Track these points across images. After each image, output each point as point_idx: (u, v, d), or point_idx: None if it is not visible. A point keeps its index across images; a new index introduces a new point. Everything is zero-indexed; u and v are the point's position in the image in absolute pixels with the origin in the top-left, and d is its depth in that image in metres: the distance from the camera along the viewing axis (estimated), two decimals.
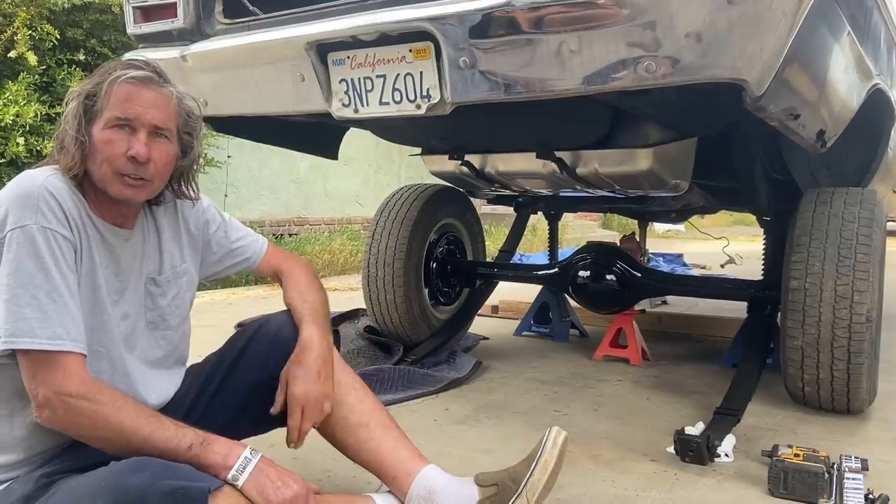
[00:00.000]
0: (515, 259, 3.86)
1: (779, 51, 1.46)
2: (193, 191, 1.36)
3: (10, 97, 3.64)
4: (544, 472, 1.25)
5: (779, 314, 2.30)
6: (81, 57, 4.13)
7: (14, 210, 1.11)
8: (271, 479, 1.12)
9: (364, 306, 3.12)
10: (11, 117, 3.61)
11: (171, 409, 1.35)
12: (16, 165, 3.73)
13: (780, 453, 1.67)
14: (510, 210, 3.66)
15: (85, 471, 1.09)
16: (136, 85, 1.19)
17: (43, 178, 1.15)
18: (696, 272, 5.51)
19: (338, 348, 1.49)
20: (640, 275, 2.84)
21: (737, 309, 3.21)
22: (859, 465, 1.67)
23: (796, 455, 1.66)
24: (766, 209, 2.77)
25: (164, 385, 1.35)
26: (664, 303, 4.29)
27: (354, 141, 3.16)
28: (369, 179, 7.97)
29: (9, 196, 1.13)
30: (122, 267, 1.26)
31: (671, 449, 1.88)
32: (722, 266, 4.45)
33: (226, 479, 1.09)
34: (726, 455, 1.85)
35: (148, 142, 1.19)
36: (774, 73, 1.47)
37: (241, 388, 1.39)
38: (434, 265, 3.07)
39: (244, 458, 1.12)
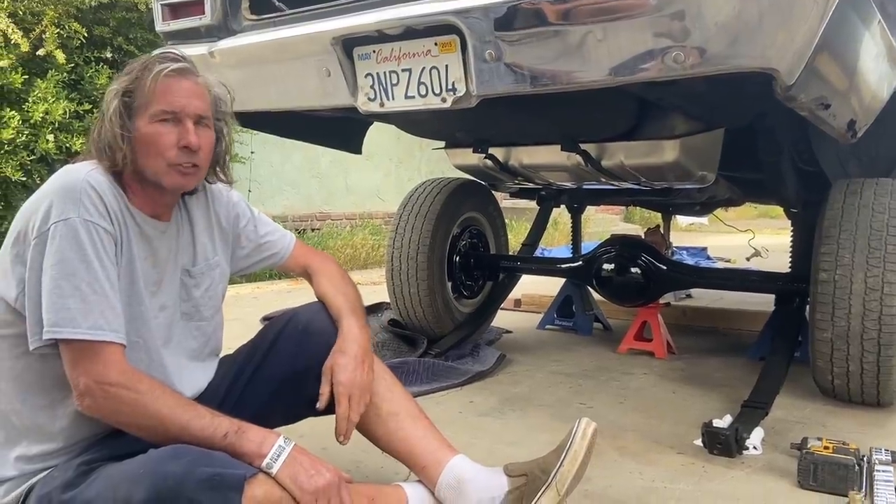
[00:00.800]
0: (537, 253, 3.85)
1: (810, 39, 1.45)
2: (228, 175, 1.39)
3: (40, 95, 3.70)
4: (574, 462, 1.25)
5: (807, 307, 2.28)
6: (108, 54, 4.17)
7: (58, 203, 1.13)
8: (305, 467, 1.13)
9: (387, 300, 3.13)
10: (41, 114, 3.67)
11: (205, 399, 1.37)
12: (46, 162, 3.79)
13: (809, 446, 1.66)
14: (531, 204, 3.65)
15: (123, 458, 1.11)
16: (176, 77, 1.22)
17: (85, 173, 1.18)
18: (720, 265, 5.47)
19: None
20: (665, 268, 2.82)
21: (762, 302, 3.18)
22: (889, 458, 1.66)
23: (826, 447, 1.65)
24: (793, 201, 2.74)
25: (198, 376, 1.38)
26: (689, 296, 4.26)
27: (375, 136, 3.17)
28: (390, 174, 7.99)
29: (52, 189, 1.15)
30: (158, 258, 1.28)
31: (698, 441, 1.87)
32: (748, 259, 4.40)
33: (260, 466, 1.11)
34: (755, 448, 1.84)
35: (195, 130, 1.23)
36: (805, 62, 1.45)
37: (272, 380, 1.42)
38: (457, 259, 3.08)
39: (278, 447, 1.13)
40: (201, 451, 1.08)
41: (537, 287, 4.03)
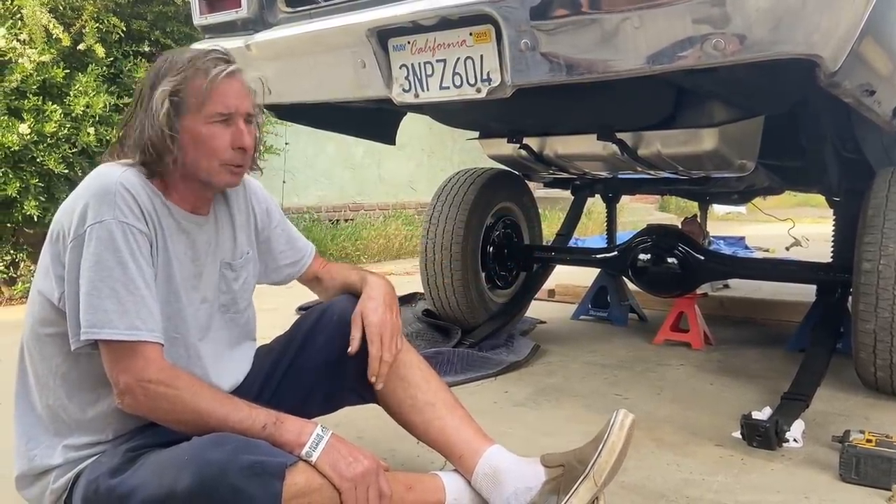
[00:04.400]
0: (571, 243, 3.82)
1: (854, 24, 1.41)
2: (258, 163, 1.41)
3: (81, 88, 3.77)
4: (612, 454, 1.24)
5: (850, 297, 2.23)
6: (146, 48, 4.23)
7: (93, 205, 1.16)
8: (343, 454, 1.15)
9: (421, 290, 3.14)
10: (82, 108, 3.74)
11: (242, 391, 1.39)
12: (87, 154, 3.87)
13: (851, 439, 1.63)
14: (564, 194, 3.63)
15: (168, 446, 1.14)
16: (228, 79, 1.25)
17: (119, 174, 1.20)
18: (759, 255, 5.37)
19: None
20: (702, 258, 2.79)
21: (801, 293, 3.12)
22: None
23: (868, 440, 1.62)
24: (835, 189, 2.68)
25: (236, 365, 1.41)
26: (726, 286, 4.20)
27: (407, 126, 3.17)
28: (422, 164, 8.00)
29: (87, 192, 1.18)
30: (198, 252, 1.31)
31: (737, 434, 1.85)
32: (787, 249, 4.31)
33: (300, 455, 1.13)
34: (795, 440, 1.81)
35: (247, 130, 1.26)
36: (850, 47, 1.42)
37: (309, 370, 1.44)
38: (491, 249, 3.07)
39: (316, 436, 1.15)
40: (243, 440, 1.10)
41: (571, 277, 4.01)
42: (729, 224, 8.81)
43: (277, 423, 1.15)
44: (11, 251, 4.01)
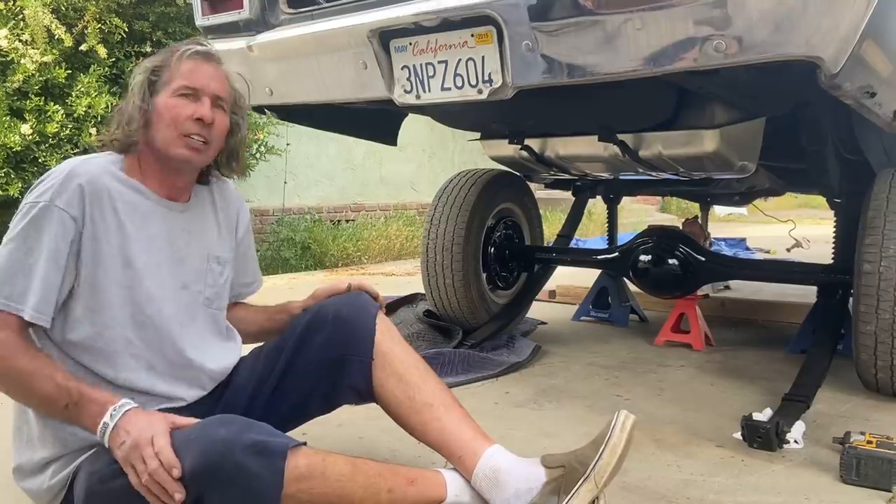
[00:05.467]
0: (572, 244, 3.83)
1: (855, 26, 1.41)
2: (242, 169, 1.46)
3: (83, 89, 3.79)
4: (613, 455, 1.24)
5: (850, 299, 2.23)
6: (148, 49, 4.25)
7: (37, 187, 1.23)
8: (120, 434, 1.12)
9: (422, 291, 3.15)
10: (84, 108, 3.76)
11: (236, 393, 1.41)
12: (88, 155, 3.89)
13: (852, 440, 1.63)
14: (565, 195, 3.63)
15: None
16: (200, 59, 1.32)
17: (80, 160, 1.27)
18: (760, 256, 5.37)
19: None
20: (703, 259, 2.79)
21: (803, 294, 3.12)
22: None
23: (869, 442, 1.62)
24: (836, 190, 2.68)
25: (223, 355, 1.42)
26: (727, 287, 4.20)
27: (409, 127, 3.18)
28: (423, 165, 8.01)
29: (50, 172, 1.25)
30: (174, 237, 1.34)
31: (738, 435, 1.85)
32: (788, 250, 4.32)
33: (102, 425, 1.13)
34: (796, 441, 1.81)
35: (211, 108, 1.31)
36: (851, 49, 1.42)
37: (306, 371, 1.43)
38: (492, 250, 3.07)
39: (103, 424, 1.13)
40: (247, 421, 1.12)
41: (572, 278, 4.01)
42: (730, 225, 8.81)
43: (80, 401, 1.15)
44: None
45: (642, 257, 2.85)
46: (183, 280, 1.34)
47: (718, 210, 8.56)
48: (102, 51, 3.86)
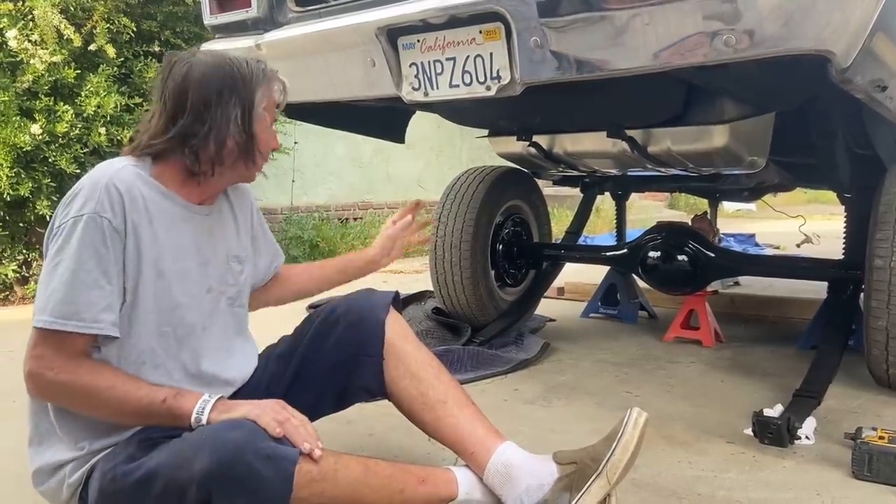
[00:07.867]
0: (580, 241, 3.82)
1: (866, 20, 1.40)
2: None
3: (92, 88, 3.79)
4: (625, 451, 1.24)
5: (861, 294, 2.22)
6: (156, 48, 4.26)
7: (77, 199, 1.20)
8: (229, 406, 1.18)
9: (431, 288, 3.15)
10: (93, 108, 3.77)
11: (249, 392, 1.41)
12: (98, 154, 3.89)
13: (864, 436, 1.63)
14: (573, 192, 3.62)
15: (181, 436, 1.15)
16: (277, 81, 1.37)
17: (115, 169, 1.23)
18: (769, 252, 5.35)
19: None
20: (712, 255, 2.78)
21: (813, 290, 3.11)
22: None
23: (881, 437, 1.61)
24: (847, 186, 2.67)
25: (244, 359, 1.42)
26: (736, 284, 4.18)
27: (416, 125, 3.18)
28: (431, 163, 8.00)
29: (79, 186, 1.22)
30: (202, 242, 1.33)
31: (749, 431, 1.85)
32: (798, 246, 4.29)
33: (190, 423, 1.16)
34: (807, 437, 1.81)
35: None
36: (862, 43, 1.41)
37: (318, 369, 1.44)
38: (500, 247, 3.08)
39: (203, 401, 1.18)
40: (257, 426, 1.12)
41: (580, 275, 4.00)
42: (739, 221, 8.77)
43: (178, 395, 1.19)
44: (24, 250, 4.04)
45: (651, 254, 2.84)
46: (208, 284, 1.34)
47: (727, 206, 8.53)
48: (111, 50, 3.87)
